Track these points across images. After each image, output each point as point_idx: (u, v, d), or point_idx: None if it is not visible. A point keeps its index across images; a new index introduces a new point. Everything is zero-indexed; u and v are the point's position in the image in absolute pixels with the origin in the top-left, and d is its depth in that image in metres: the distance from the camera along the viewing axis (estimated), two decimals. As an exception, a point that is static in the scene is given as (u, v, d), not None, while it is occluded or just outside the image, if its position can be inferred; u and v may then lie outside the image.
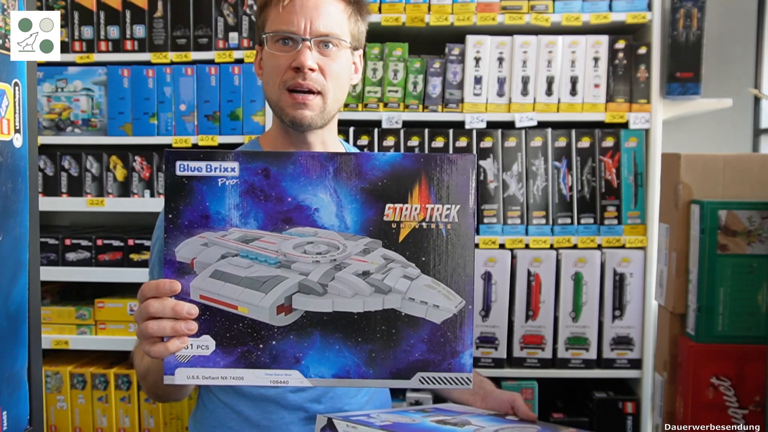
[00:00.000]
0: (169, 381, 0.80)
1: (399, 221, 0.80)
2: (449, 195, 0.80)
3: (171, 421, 2.10)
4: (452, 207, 0.80)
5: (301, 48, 1.05)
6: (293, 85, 1.06)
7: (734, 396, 1.19)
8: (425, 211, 0.80)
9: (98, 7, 2.11)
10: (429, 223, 0.80)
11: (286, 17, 1.06)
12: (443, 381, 0.79)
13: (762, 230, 1.18)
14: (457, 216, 0.80)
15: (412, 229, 0.80)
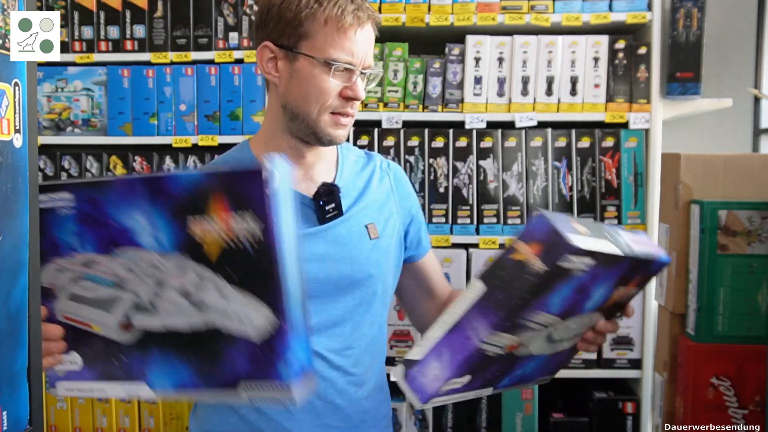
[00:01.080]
0: (53, 393, 0.90)
1: (206, 240, 0.79)
2: (250, 214, 0.76)
3: (171, 421, 2.10)
4: (256, 226, 0.76)
5: (356, 80, 1.07)
6: (342, 112, 1.08)
7: (734, 396, 1.19)
8: (231, 231, 0.77)
9: (98, 7, 2.11)
10: (237, 243, 0.77)
11: (348, 47, 1.05)
12: (267, 391, 0.81)
13: (762, 230, 1.18)
14: (262, 235, 0.76)
15: (222, 248, 0.78)
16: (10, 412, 0.67)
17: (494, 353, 0.89)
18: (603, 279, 0.90)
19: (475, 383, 0.93)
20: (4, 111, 0.65)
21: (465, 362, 0.88)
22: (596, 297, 0.92)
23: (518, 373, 0.98)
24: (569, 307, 0.90)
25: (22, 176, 0.68)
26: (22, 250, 0.68)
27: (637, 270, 0.95)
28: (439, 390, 0.88)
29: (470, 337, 0.87)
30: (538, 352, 0.96)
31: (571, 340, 1.00)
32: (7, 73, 0.66)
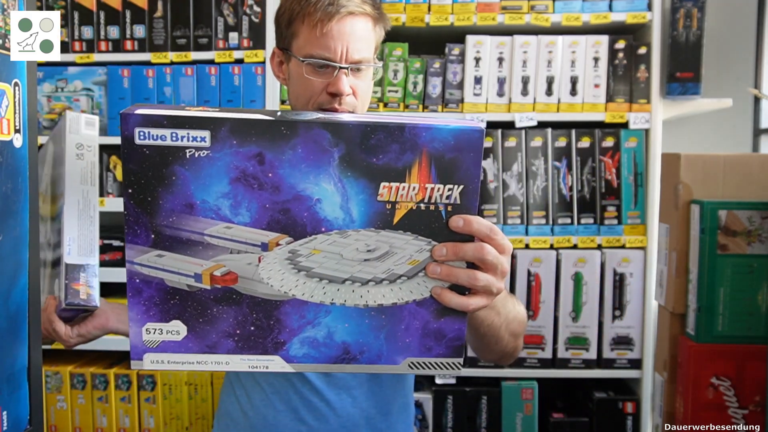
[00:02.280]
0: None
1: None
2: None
3: (171, 421, 2.10)
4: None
5: (338, 74, 1.05)
6: (329, 109, 1.07)
7: (734, 396, 1.19)
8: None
9: (98, 7, 2.11)
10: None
11: (323, 42, 1.05)
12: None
13: (762, 230, 1.18)
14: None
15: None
16: (10, 412, 0.67)
17: (188, 286, 0.74)
18: (297, 168, 0.71)
19: (209, 338, 0.75)
20: (4, 111, 0.65)
21: (144, 298, 0.74)
22: (331, 199, 0.73)
23: (314, 336, 0.76)
24: (272, 215, 0.73)
25: (22, 176, 0.68)
26: (22, 250, 0.68)
27: (379, 149, 0.72)
28: (143, 340, 0.74)
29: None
30: (309, 296, 0.75)
31: (394, 283, 0.76)
32: (7, 73, 0.66)
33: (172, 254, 0.73)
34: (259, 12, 2.06)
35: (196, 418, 2.10)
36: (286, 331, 0.75)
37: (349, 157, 0.71)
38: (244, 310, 0.75)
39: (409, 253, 0.74)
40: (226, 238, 0.73)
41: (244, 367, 0.76)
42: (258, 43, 2.06)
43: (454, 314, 0.76)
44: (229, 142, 0.70)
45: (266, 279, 0.74)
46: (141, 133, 0.70)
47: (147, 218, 0.72)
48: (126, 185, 0.72)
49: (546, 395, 2.07)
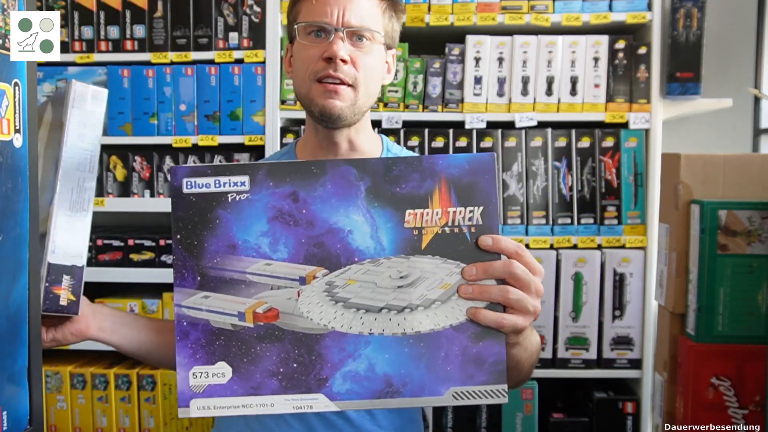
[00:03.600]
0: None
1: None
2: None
3: (171, 421, 2.10)
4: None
5: (333, 39, 1.03)
6: (324, 75, 1.04)
7: (734, 396, 1.19)
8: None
9: (98, 7, 2.11)
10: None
11: (319, 8, 1.05)
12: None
13: (762, 230, 1.18)
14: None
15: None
16: (10, 412, 0.67)
17: (232, 326, 0.77)
18: (328, 203, 0.77)
19: (253, 379, 0.76)
20: (4, 111, 0.65)
21: (191, 342, 0.76)
22: (362, 230, 0.77)
23: (356, 369, 0.76)
24: (308, 249, 0.77)
25: (22, 176, 0.68)
26: (22, 250, 0.68)
27: (401, 179, 0.78)
28: (190, 386, 0.76)
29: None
30: (347, 327, 0.77)
31: (429, 309, 0.77)
32: (7, 73, 0.66)
33: (217, 294, 0.77)
34: (259, 12, 2.06)
35: (196, 418, 2.10)
36: (327, 366, 0.76)
37: (374, 188, 0.77)
38: (286, 346, 0.76)
39: (440, 277, 0.77)
40: (267, 274, 0.77)
41: (288, 409, 0.76)
42: (258, 43, 2.06)
43: (491, 337, 0.77)
44: (266, 184, 0.77)
45: (306, 313, 0.76)
46: (188, 182, 0.77)
47: (193, 261, 0.77)
48: (175, 231, 0.77)
49: (546, 395, 2.07)
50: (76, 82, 0.91)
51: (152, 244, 2.08)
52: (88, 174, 0.92)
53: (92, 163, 0.92)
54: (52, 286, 0.90)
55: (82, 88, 0.91)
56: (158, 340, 1.12)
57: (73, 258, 0.91)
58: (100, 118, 0.93)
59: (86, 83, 0.92)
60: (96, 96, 0.92)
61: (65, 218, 0.90)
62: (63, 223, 0.90)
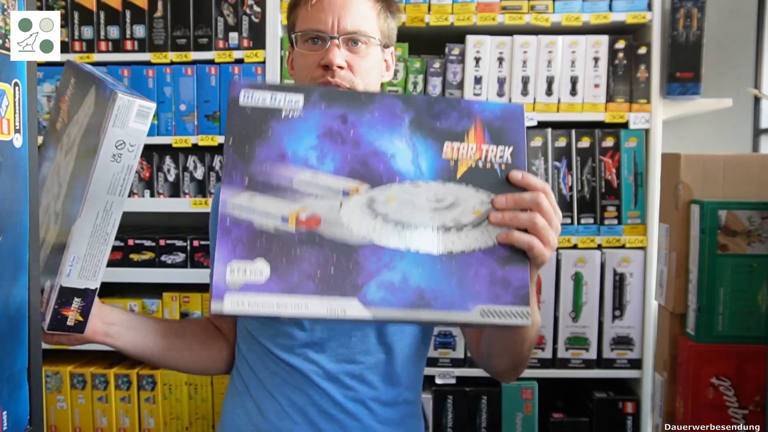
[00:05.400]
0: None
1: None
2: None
3: (171, 421, 2.10)
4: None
5: (329, 46, 1.06)
6: (322, 82, 1.06)
7: (734, 396, 1.19)
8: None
9: (98, 7, 2.11)
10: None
11: (314, 15, 1.07)
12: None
13: (762, 230, 1.18)
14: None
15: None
16: (10, 412, 0.67)
17: (275, 228, 0.78)
18: (374, 128, 0.82)
19: (291, 279, 0.76)
20: (4, 111, 0.65)
21: (232, 238, 0.77)
22: (403, 155, 0.82)
23: (391, 279, 0.78)
24: (353, 165, 0.81)
25: (22, 176, 0.68)
26: (22, 250, 0.68)
27: (442, 115, 0.84)
28: (227, 281, 0.75)
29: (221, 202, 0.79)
30: (385, 240, 0.79)
31: (461, 231, 0.81)
32: (7, 73, 0.66)
33: (263, 197, 0.79)
34: (259, 12, 2.06)
35: (196, 418, 2.10)
36: (364, 274, 0.78)
37: (417, 120, 0.83)
38: (325, 252, 0.78)
39: (472, 204, 0.82)
40: (313, 183, 0.80)
41: (322, 312, 0.76)
42: (258, 43, 2.06)
43: (517, 263, 0.82)
44: (319, 105, 0.82)
45: (347, 223, 0.80)
46: (246, 95, 0.81)
47: (243, 165, 0.79)
48: (228, 135, 0.80)
49: (546, 395, 2.07)
50: (121, 95, 0.82)
51: (152, 244, 2.08)
52: (117, 198, 0.86)
53: (124, 186, 0.86)
54: (61, 308, 0.88)
55: (127, 103, 0.83)
56: (163, 343, 1.12)
57: (88, 281, 0.88)
58: (142, 137, 0.85)
59: (133, 95, 0.83)
60: (141, 112, 0.85)
61: (85, 243, 0.86)
62: (82, 248, 0.86)
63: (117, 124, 0.83)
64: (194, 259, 2.08)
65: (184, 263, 2.08)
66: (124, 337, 1.07)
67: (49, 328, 0.89)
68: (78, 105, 0.91)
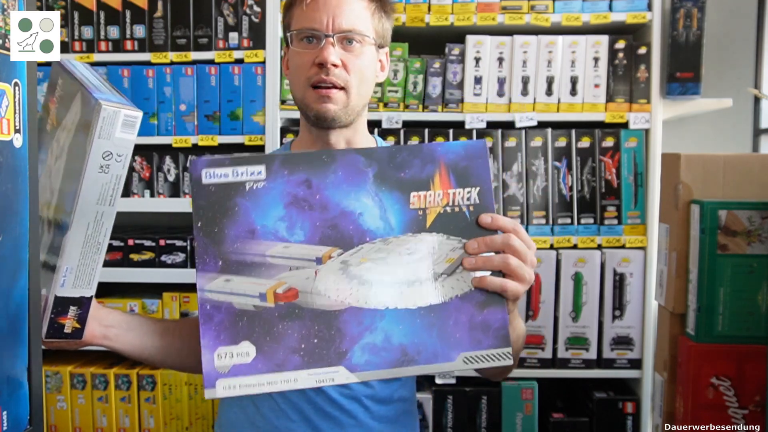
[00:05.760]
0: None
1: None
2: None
3: (171, 421, 2.10)
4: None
5: (324, 45, 1.07)
6: (316, 80, 1.07)
7: (734, 396, 1.19)
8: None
9: (98, 7, 2.11)
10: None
11: (309, 15, 1.08)
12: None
13: (762, 230, 1.18)
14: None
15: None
16: (10, 412, 0.67)
17: (254, 307, 0.79)
18: (339, 189, 0.82)
19: (277, 356, 0.78)
20: (4, 111, 0.65)
21: (215, 323, 0.79)
22: (371, 212, 0.83)
23: (373, 341, 0.80)
24: (323, 231, 0.82)
25: (22, 176, 0.68)
26: (22, 250, 0.68)
27: (405, 165, 0.84)
28: (215, 367, 0.78)
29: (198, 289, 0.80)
30: (363, 302, 0.81)
31: (437, 282, 0.82)
32: (7, 73, 0.66)
33: (238, 277, 0.80)
34: (259, 12, 2.06)
35: (196, 418, 2.10)
36: (347, 340, 0.80)
37: (381, 174, 0.83)
38: (306, 323, 0.80)
39: (445, 253, 0.83)
40: (285, 256, 0.81)
41: (311, 383, 0.79)
42: (258, 43, 2.06)
43: (494, 305, 0.83)
44: (282, 173, 0.82)
45: (324, 290, 0.80)
46: (207, 173, 0.81)
47: (215, 248, 0.80)
48: (196, 220, 0.81)
49: (546, 395, 2.07)
50: (105, 105, 0.81)
51: (152, 244, 2.08)
52: (107, 208, 0.85)
53: (114, 196, 0.85)
54: (58, 317, 0.89)
55: (112, 113, 0.81)
56: (161, 343, 1.12)
57: (82, 290, 0.88)
58: (130, 147, 0.83)
59: (118, 104, 0.82)
60: (127, 122, 0.82)
61: (77, 253, 0.86)
62: (74, 259, 0.86)
63: (103, 136, 0.81)
64: (194, 259, 2.08)
65: (184, 263, 2.08)
66: (123, 339, 1.07)
67: (47, 336, 0.89)
68: (66, 108, 0.90)
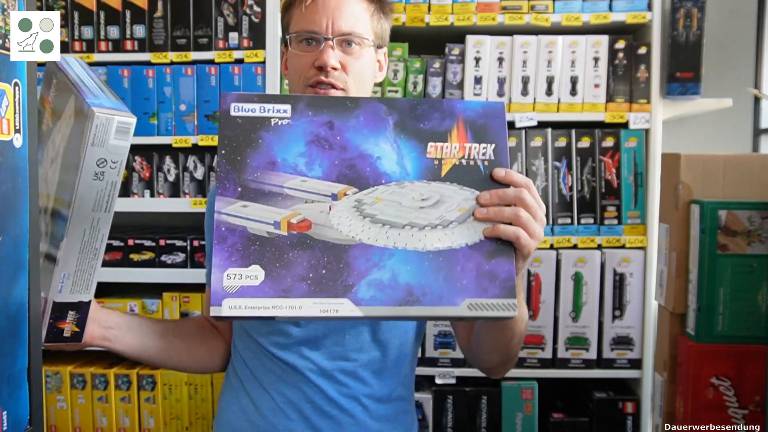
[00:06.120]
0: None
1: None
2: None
3: (171, 421, 2.10)
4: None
5: (323, 47, 1.07)
6: (316, 81, 1.08)
7: (734, 396, 1.19)
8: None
9: (98, 7, 2.11)
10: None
11: (308, 17, 1.08)
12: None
13: (762, 230, 1.18)
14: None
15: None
16: (10, 412, 0.67)
17: (267, 233, 0.81)
18: (360, 132, 0.85)
19: (284, 282, 0.80)
20: (4, 111, 0.65)
21: (227, 245, 0.80)
22: (389, 157, 0.85)
23: (380, 278, 0.81)
24: (340, 169, 0.84)
25: (22, 176, 0.68)
26: (22, 250, 0.68)
27: (424, 117, 0.87)
28: (223, 286, 0.78)
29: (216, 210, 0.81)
30: (373, 240, 0.82)
31: (447, 228, 0.83)
32: (7, 73, 0.66)
33: (256, 204, 0.82)
34: (259, 12, 2.06)
35: (196, 418, 2.10)
36: (354, 274, 0.81)
37: (401, 123, 0.86)
38: (316, 254, 0.81)
39: (457, 201, 0.85)
40: (302, 189, 0.83)
41: (315, 312, 0.79)
42: (258, 43, 2.06)
43: (503, 256, 0.84)
44: (306, 113, 0.85)
45: (336, 225, 0.82)
46: (236, 107, 0.84)
47: (236, 174, 0.83)
48: (220, 147, 0.84)
49: (546, 395, 2.07)
50: (98, 113, 0.80)
51: (152, 244, 2.08)
52: (103, 214, 0.85)
53: (110, 202, 0.84)
54: (57, 322, 0.89)
55: (105, 121, 0.80)
56: (161, 344, 1.13)
57: (80, 295, 0.88)
58: (124, 153, 0.83)
59: (111, 110, 0.81)
60: (121, 128, 0.81)
61: (74, 260, 0.86)
62: (72, 265, 0.86)
63: (96, 143, 0.81)
64: (194, 259, 2.08)
65: (184, 263, 2.08)
66: (123, 340, 1.08)
67: (47, 340, 0.90)
68: (61, 109, 0.89)
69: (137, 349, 1.10)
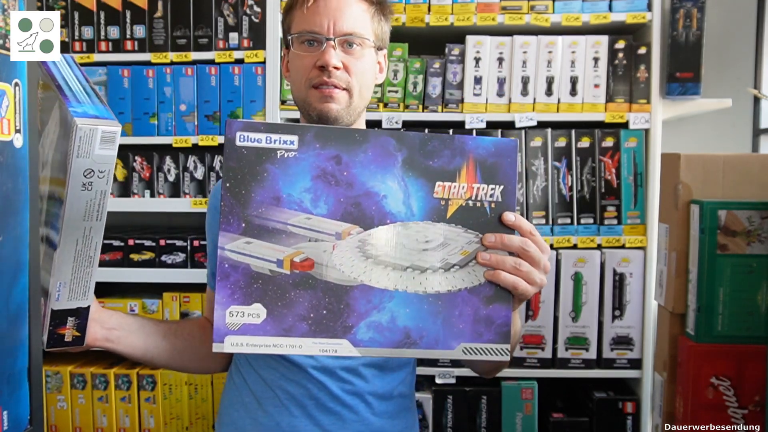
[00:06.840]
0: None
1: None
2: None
3: (171, 421, 2.10)
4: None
5: (325, 48, 1.08)
6: (318, 82, 1.09)
7: (734, 396, 1.19)
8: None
9: (98, 7, 2.11)
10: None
11: (309, 18, 1.09)
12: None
13: (762, 230, 1.18)
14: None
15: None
16: (10, 412, 0.67)
17: (270, 271, 0.82)
18: (367, 168, 0.84)
19: (285, 321, 0.81)
20: (4, 111, 0.65)
21: (230, 282, 0.81)
22: (395, 196, 0.84)
23: (379, 320, 0.83)
24: (345, 207, 0.84)
25: (22, 176, 0.68)
26: (22, 250, 0.68)
27: (434, 154, 0.86)
28: (226, 323, 0.80)
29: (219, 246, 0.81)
30: (375, 282, 0.83)
31: (448, 272, 0.85)
32: (7, 73, 0.66)
33: (259, 241, 0.82)
34: (259, 12, 2.06)
35: (196, 418, 2.10)
36: (354, 315, 0.83)
37: (410, 160, 0.85)
38: (318, 294, 0.83)
39: (460, 245, 0.85)
40: (306, 227, 0.83)
41: (315, 351, 0.82)
42: (258, 43, 2.06)
43: (501, 301, 0.86)
44: (313, 145, 0.83)
45: (339, 265, 0.83)
46: (241, 136, 0.82)
47: (240, 209, 0.82)
48: (225, 180, 0.83)
49: (546, 395, 2.07)
50: (81, 124, 0.78)
51: (152, 244, 2.09)
52: (95, 223, 0.84)
53: (101, 211, 0.84)
54: (57, 328, 0.89)
55: (89, 131, 0.78)
56: (163, 345, 1.13)
57: (78, 302, 0.89)
58: (111, 162, 0.81)
59: (95, 120, 0.80)
60: (106, 138, 0.80)
61: (69, 269, 0.86)
62: (67, 274, 0.86)
63: (81, 155, 0.79)
64: (194, 259, 2.08)
65: (184, 263, 2.08)
66: (125, 341, 1.08)
67: (48, 346, 0.90)
68: (48, 113, 0.88)
69: (140, 350, 1.10)
